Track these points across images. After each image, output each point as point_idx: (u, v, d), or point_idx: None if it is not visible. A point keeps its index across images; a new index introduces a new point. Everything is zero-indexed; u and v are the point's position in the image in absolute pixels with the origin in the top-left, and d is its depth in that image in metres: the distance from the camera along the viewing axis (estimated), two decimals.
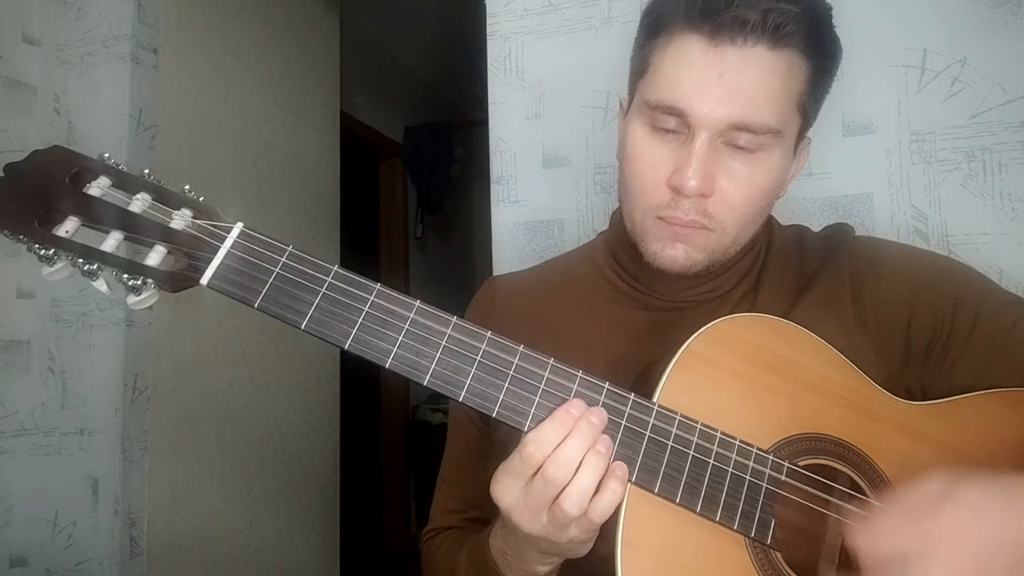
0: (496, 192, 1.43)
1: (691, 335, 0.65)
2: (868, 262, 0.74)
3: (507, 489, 0.59)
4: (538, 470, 0.57)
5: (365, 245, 3.61)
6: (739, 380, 0.65)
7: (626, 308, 0.78)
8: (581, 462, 0.57)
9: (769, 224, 0.79)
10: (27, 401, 1.72)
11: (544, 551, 0.62)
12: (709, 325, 0.66)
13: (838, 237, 0.77)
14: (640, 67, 0.71)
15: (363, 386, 3.46)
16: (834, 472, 0.65)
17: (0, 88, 1.71)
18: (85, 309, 1.71)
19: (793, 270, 0.76)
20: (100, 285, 0.57)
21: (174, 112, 1.87)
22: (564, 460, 0.57)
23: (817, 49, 0.67)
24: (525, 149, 1.41)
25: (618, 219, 0.81)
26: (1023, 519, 0.51)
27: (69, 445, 1.69)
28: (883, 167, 1.22)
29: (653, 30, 0.69)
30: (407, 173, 3.80)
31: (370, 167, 3.74)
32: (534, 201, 1.40)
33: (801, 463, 0.64)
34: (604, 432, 0.59)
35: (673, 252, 0.69)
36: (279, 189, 2.26)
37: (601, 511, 0.57)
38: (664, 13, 0.68)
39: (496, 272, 1.40)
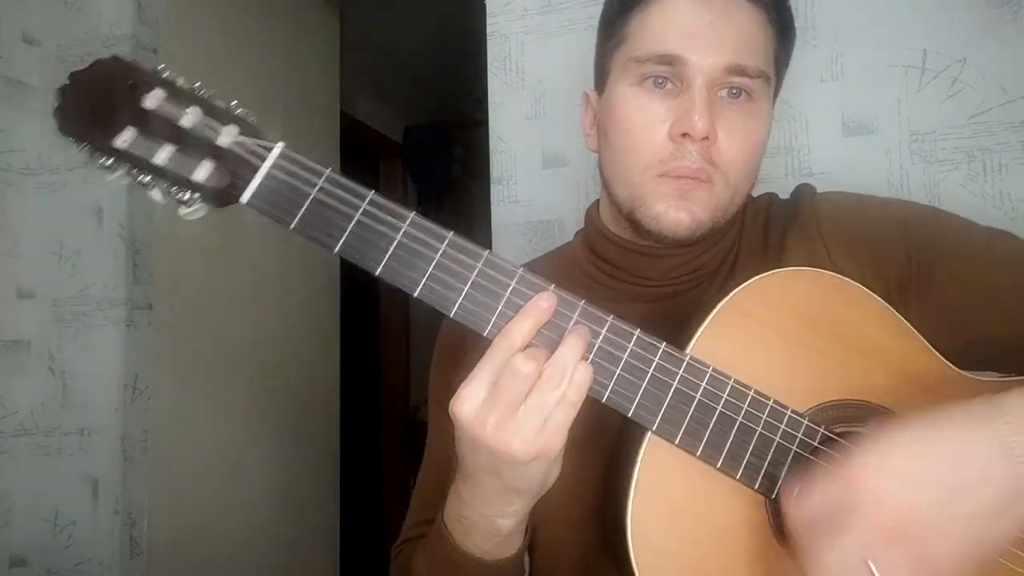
0: (496, 192, 1.42)
1: (703, 312, 0.62)
2: (829, 214, 0.73)
3: (474, 391, 0.55)
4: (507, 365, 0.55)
5: None
6: (782, 338, 0.62)
7: (616, 304, 0.74)
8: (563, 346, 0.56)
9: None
10: (27, 401, 1.71)
11: (507, 487, 0.59)
12: (755, 278, 0.63)
13: (801, 196, 0.77)
14: (620, 38, 0.72)
15: (363, 386, 3.46)
16: None
17: (0, 88, 1.71)
18: (85, 309, 1.71)
19: (762, 238, 0.76)
20: (155, 195, 0.58)
21: None
22: (521, 336, 0.56)
23: (780, 17, 0.71)
24: (525, 149, 1.41)
25: (594, 213, 0.81)
26: (940, 457, 0.50)
27: (69, 445, 1.69)
28: (883, 167, 1.22)
29: (628, 3, 0.71)
30: (407, 173, 3.80)
31: (370, 167, 3.74)
32: (534, 201, 1.40)
33: (838, 430, 0.61)
34: (631, 380, 0.58)
35: (677, 214, 0.67)
36: None
37: (581, 383, 0.55)
38: None
39: None
